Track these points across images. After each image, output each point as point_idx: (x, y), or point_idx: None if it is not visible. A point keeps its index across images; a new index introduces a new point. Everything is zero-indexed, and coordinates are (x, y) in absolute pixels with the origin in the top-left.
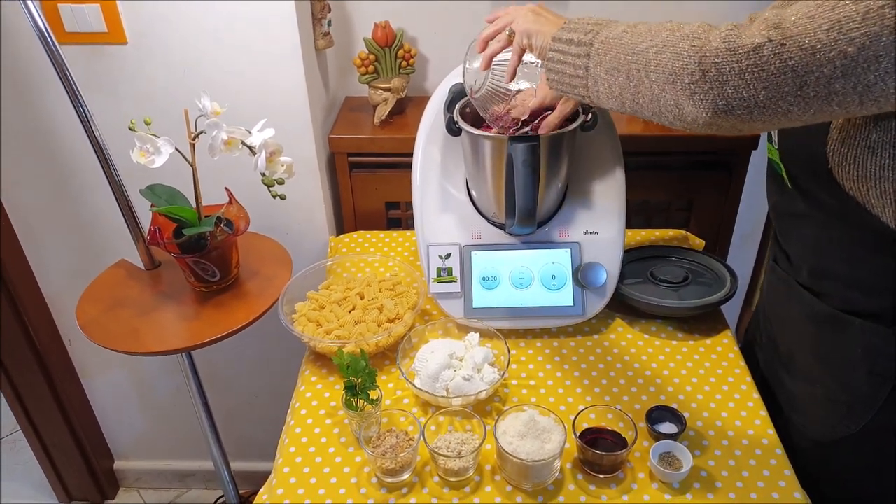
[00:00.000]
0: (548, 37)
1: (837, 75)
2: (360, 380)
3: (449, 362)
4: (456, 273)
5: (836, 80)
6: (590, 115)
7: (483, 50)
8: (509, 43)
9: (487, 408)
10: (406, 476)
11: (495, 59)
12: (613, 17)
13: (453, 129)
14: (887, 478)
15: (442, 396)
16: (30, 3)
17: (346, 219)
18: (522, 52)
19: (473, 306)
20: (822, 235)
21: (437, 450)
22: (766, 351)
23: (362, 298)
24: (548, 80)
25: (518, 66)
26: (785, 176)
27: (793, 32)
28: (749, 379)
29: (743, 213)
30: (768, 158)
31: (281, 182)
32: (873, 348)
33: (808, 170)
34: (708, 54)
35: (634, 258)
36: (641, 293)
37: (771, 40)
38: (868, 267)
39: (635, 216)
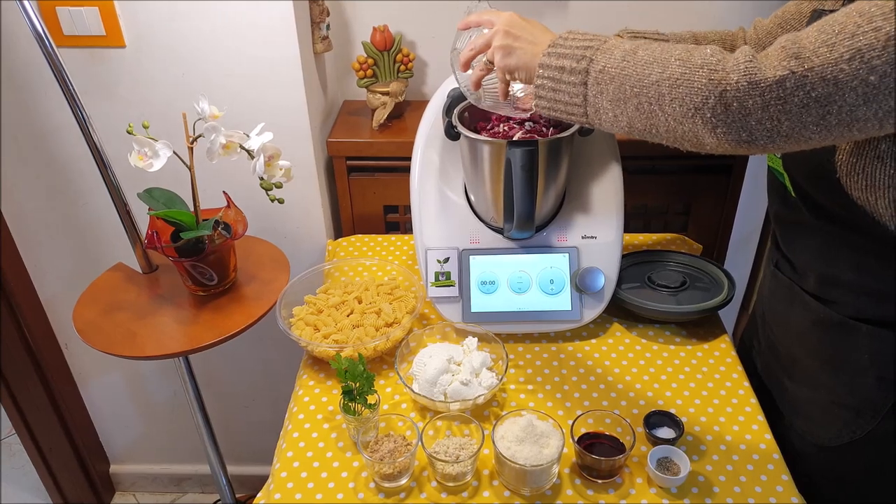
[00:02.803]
0: (532, 67)
1: (859, 103)
2: (357, 384)
3: (447, 367)
4: (454, 277)
5: (858, 108)
6: None
7: (466, 69)
8: (489, 70)
9: (485, 412)
10: (404, 481)
11: (486, 77)
12: (614, 16)
13: (451, 134)
14: (890, 482)
15: (440, 401)
16: (28, 6)
17: (345, 222)
18: (508, 80)
19: (472, 310)
20: (829, 244)
21: (434, 455)
22: (766, 355)
23: (360, 302)
24: (537, 105)
25: (507, 88)
26: (788, 185)
27: (814, 63)
28: (747, 384)
29: (740, 217)
30: (768, 167)
31: (279, 186)
32: (881, 354)
33: (815, 179)
34: (729, 89)
35: (632, 262)
36: (639, 298)
37: (793, 72)
38: (878, 274)
39: (633, 220)
